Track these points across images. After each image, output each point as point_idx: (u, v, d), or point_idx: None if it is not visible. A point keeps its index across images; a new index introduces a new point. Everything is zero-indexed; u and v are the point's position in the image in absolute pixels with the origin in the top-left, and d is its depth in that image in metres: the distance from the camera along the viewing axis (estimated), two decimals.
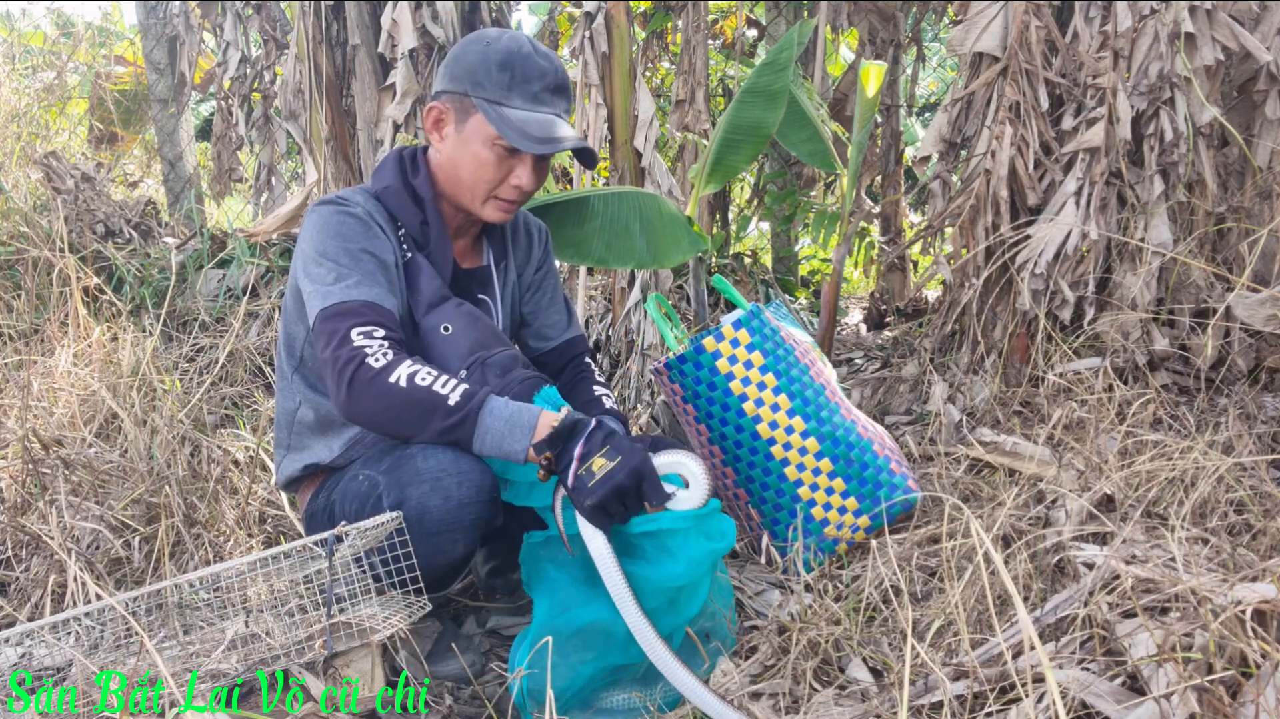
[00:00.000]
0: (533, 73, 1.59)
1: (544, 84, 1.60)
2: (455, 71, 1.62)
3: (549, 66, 1.61)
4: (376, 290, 1.54)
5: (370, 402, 1.44)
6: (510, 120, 1.57)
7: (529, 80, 1.58)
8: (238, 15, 4.05)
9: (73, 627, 1.44)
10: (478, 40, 1.62)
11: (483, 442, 1.43)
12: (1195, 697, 1.06)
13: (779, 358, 1.87)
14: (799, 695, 1.36)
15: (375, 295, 1.53)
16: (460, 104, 1.61)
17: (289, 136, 3.88)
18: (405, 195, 1.67)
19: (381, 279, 1.56)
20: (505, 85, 1.58)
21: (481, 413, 1.43)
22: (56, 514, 1.87)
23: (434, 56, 3.26)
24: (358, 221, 1.60)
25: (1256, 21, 2.24)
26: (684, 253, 2.45)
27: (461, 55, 1.63)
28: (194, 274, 3.38)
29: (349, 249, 1.56)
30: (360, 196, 1.66)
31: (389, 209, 1.67)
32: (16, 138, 4.00)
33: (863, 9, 3.78)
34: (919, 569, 1.68)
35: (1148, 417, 1.96)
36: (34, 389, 2.35)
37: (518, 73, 1.58)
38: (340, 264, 1.54)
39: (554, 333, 1.94)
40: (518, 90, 1.58)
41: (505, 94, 1.58)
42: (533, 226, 1.92)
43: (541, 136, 1.57)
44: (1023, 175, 2.34)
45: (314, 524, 1.71)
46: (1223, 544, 1.41)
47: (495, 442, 1.43)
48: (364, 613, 1.41)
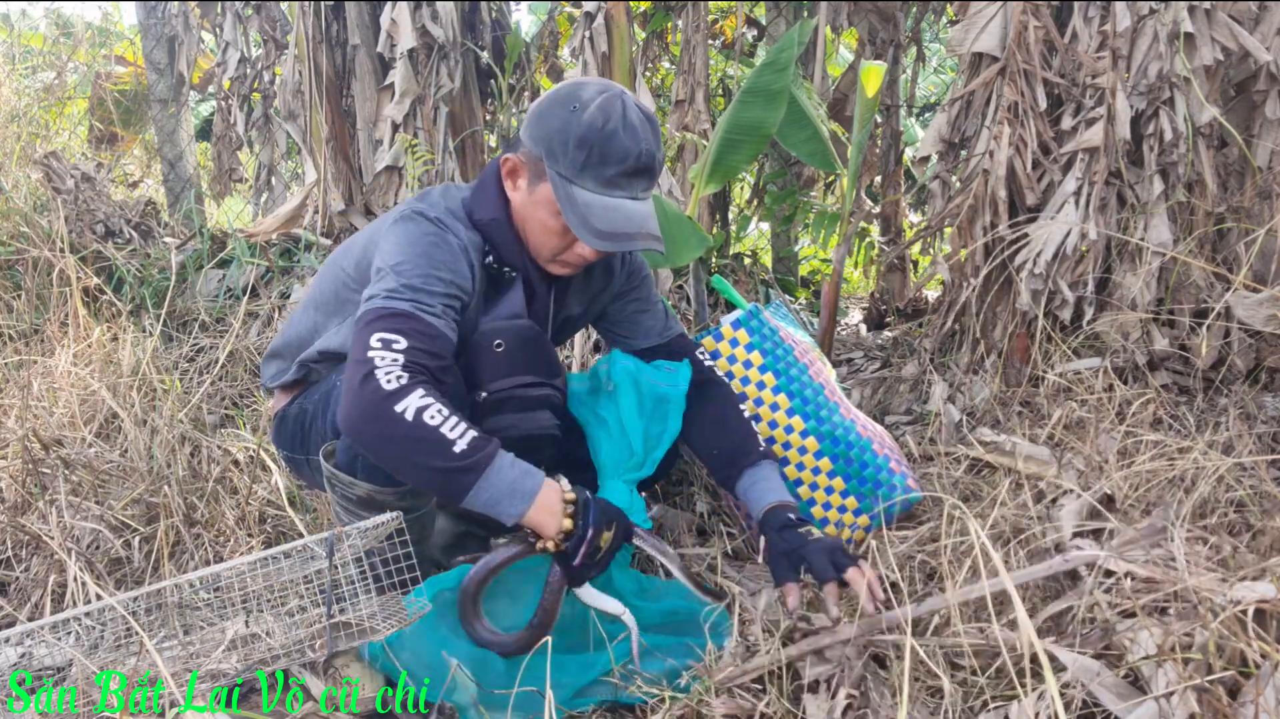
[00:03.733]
0: (613, 155, 1.47)
1: (622, 169, 1.48)
2: (535, 132, 1.52)
3: (632, 148, 1.47)
4: (432, 315, 1.44)
5: (369, 425, 1.34)
6: (577, 203, 1.47)
7: (606, 164, 1.47)
8: (237, 15, 4.05)
9: (73, 627, 1.44)
10: (566, 102, 1.50)
11: (477, 498, 1.35)
12: (1195, 697, 1.07)
13: (778, 357, 1.87)
14: (799, 695, 1.36)
15: (429, 316, 1.43)
16: (535, 166, 1.53)
17: (289, 136, 3.88)
18: (510, 233, 1.60)
19: (447, 311, 1.47)
20: (579, 165, 1.47)
21: (489, 469, 1.35)
22: (56, 514, 1.87)
23: (434, 56, 3.26)
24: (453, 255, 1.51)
25: (1256, 21, 2.24)
26: (692, 251, 2.44)
27: (546, 116, 1.52)
28: (194, 274, 3.38)
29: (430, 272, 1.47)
30: (462, 224, 1.57)
31: (491, 242, 1.59)
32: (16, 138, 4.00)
33: (863, 9, 3.77)
34: (919, 569, 1.68)
35: (1148, 417, 1.97)
36: (34, 389, 2.35)
37: (595, 153, 1.47)
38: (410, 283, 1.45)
39: (661, 329, 1.84)
40: (591, 172, 1.48)
41: (578, 173, 1.48)
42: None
43: (604, 230, 1.47)
44: (1021, 175, 2.35)
45: (281, 426, 1.75)
46: (1223, 544, 1.42)
47: (491, 499, 1.36)
48: (364, 613, 1.41)
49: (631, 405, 1.70)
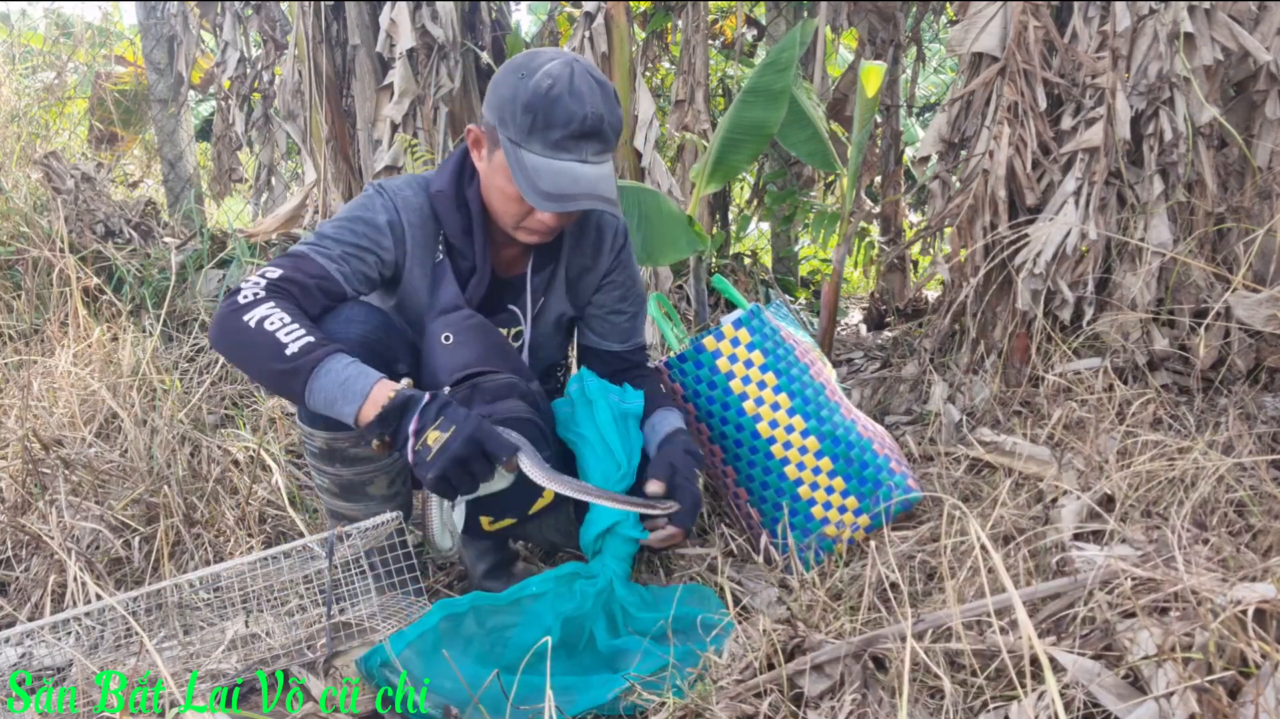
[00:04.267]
0: (558, 118, 1.50)
1: (567, 132, 1.50)
2: (491, 100, 1.58)
3: (578, 111, 1.50)
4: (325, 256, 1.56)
5: (220, 335, 1.47)
6: (525, 166, 1.52)
7: (551, 127, 1.50)
8: (237, 15, 4.05)
9: (73, 627, 1.44)
10: (517, 70, 1.56)
11: (313, 398, 1.44)
12: (1195, 697, 1.06)
13: (779, 357, 1.87)
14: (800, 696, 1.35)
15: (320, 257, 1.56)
16: (492, 134, 1.59)
17: (289, 137, 3.88)
18: (454, 203, 1.66)
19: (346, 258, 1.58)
20: (526, 129, 1.51)
21: (317, 369, 1.43)
22: (56, 514, 1.87)
23: (434, 56, 3.26)
24: (373, 213, 1.63)
25: (1256, 21, 2.24)
26: (680, 251, 2.44)
27: (500, 83, 1.57)
28: (194, 274, 3.38)
29: (346, 224, 1.61)
30: (411, 190, 1.68)
31: (436, 212, 1.67)
32: (16, 138, 4.00)
33: (863, 9, 3.77)
34: (919, 568, 1.68)
35: (1148, 417, 1.96)
36: (34, 389, 2.35)
37: (540, 117, 1.50)
38: (323, 232, 1.60)
39: (629, 336, 1.90)
40: (537, 136, 1.51)
41: (526, 138, 1.52)
42: (605, 230, 1.83)
43: (550, 191, 1.51)
44: (1021, 175, 2.34)
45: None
46: (1223, 544, 1.41)
47: (326, 400, 1.43)
48: (364, 613, 1.41)
49: (608, 419, 1.72)
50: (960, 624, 1.26)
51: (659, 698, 1.37)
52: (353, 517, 1.63)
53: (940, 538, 1.61)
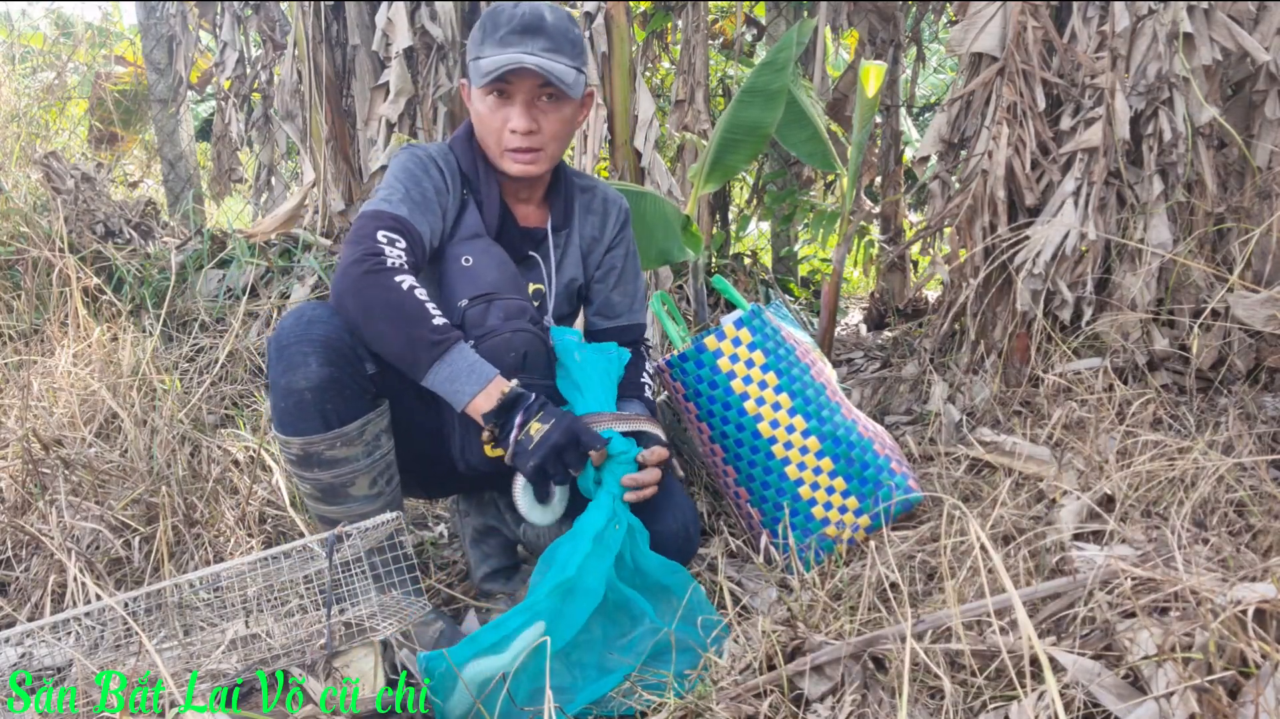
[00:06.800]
0: (501, 20, 1.65)
1: (510, 28, 1.64)
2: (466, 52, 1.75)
3: (517, 10, 1.65)
4: (414, 212, 1.63)
5: (367, 290, 1.50)
6: (480, 69, 1.65)
7: (496, 29, 1.65)
8: (236, 15, 4.05)
9: (73, 627, 1.44)
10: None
11: (437, 374, 1.50)
12: (1195, 697, 1.07)
13: (780, 357, 1.87)
14: (800, 696, 1.36)
15: (410, 215, 1.62)
16: (467, 75, 1.72)
17: (288, 137, 3.88)
18: (468, 144, 1.78)
19: (424, 207, 1.65)
20: (479, 41, 1.67)
21: (453, 348, 1.50)
22: (56, 514, 1.87)
23: (433, 55, 3.26)
24: (418, 161, 1.72)
25: (1255, 22, 2.24)
26: (672, 257, 2.45)
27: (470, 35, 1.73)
28: (194, 274, 3.38)
29: (403, 178, 1.68)
30: (435, 147, 1.79)
31: (456, 155, 1.78)
32: (16, 138, 4.00)
33: (863, 9, 3.77)
34: (919, 568, 1.68)
35: (1148, 417, 1.97)
36: (34, 389, 2.35)
37: (487, 24, 1.66)
38: (392, 187, 1.66)
39: (612, 314, 1.95)
40: (488, 41, 1.65)
41: (480, 48, 1.66)
42: (611, 205, 1.93)
43: (491, 69, 1.62)
44: (1020, 175, 2.34)
45: None
46: (1223, 544, 1.42)
47: (448, 378, 1.50)
48: (364, 613, 1.41)
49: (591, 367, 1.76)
50: (960, 624, 1.26)
51: (659, 698, 1.37)
52: (339, 520, 1.63)
53: (940, 538, 1.61)
